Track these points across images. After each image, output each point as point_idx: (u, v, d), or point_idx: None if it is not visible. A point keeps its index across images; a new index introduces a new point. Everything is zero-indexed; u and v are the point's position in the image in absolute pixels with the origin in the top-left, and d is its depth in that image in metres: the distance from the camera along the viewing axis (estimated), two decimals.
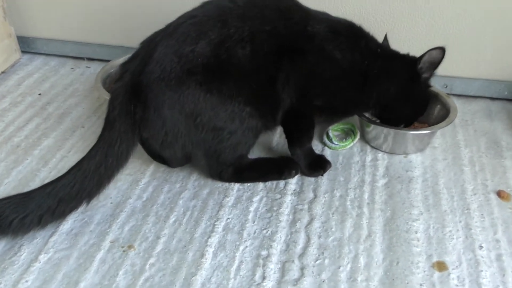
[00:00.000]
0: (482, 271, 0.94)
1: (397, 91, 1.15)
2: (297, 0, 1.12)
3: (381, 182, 1.16)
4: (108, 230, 1.03)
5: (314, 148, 1.22)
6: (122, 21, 1.56)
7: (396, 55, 1.18)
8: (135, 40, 1.55)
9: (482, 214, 1.07)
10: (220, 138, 1.05)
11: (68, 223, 1.04)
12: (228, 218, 1.06)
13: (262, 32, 1.03)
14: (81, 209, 1.02)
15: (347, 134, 1.32)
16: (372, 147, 1.27)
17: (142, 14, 1.53)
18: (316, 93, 1.10)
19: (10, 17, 1.56)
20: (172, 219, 1.06)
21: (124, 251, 0.98)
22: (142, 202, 1.10)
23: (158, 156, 1.17)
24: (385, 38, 1.22)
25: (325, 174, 1.18)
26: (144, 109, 1.00)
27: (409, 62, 1.14)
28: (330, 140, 1.27)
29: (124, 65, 1.05)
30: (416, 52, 1.15)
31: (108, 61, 1.61)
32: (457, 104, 1.28)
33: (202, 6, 1.07)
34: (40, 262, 0.95)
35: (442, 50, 1.08)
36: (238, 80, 1.01)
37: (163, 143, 1.04)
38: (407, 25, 1.38)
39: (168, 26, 1.04)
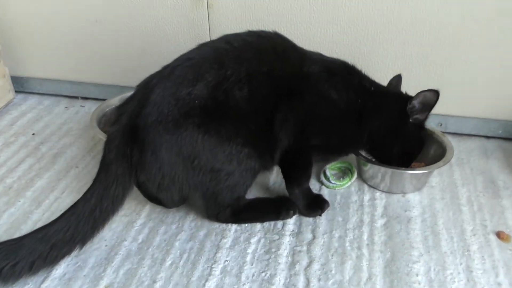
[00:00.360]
0: None
1: (387, 129, 1.15)
2: (291, 41, 1.13)
3: (379, 222, 1.15)
4: (103, 274, 1.00)
5: (311, 187, 1.21)
6: (117, 61, 1.57)
7: (389, 93, 1.18)
8: (129, 79, 1.57)
9: (482, 256, 1.06)
10: (217, 179, 1.03)
11: (61, 267, 1.01)
12: (226, 261, 1.04)
13: (259, 74, 1.03)
14: (75, 253, 1.00)
15: (345, 173, 1.31)
16: (370, 186, 1.27)
17: (136, 54, 1.54)
18: (313, 132, 1.10)
19: (3, 57, 1.56)
20: (168, 262, 1.03)
21: None
22: (137, 245, 1.07)
23: (154, 198, 1.15)
24: (399, 78, 1.23)
25: (324, 214, 1.16)
26: (141, 152, 0.99)
27: (400, 101, 1.14)
28: (328, 179, 1.27)
29: (120, 107, 1.04)
30: (410, 92, 1.17)
31: (102, 100, 1.62)
32: (452, 142, 1.28)
33: (199, 48, 1.07)
34: None
35: (436, 92, 1.08)
36: (236, 121, 1.01)
37: (160, 186, 1.03)
38: (401, 66, 1.40)
39: (165, 69, 1.05)
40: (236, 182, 1.06)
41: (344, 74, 1.13)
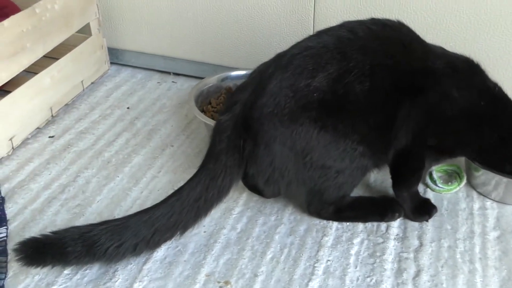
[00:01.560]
0: None
1: (500, 140, 1.04)
2: (416, 32, 1.05)
3: (492, 235, 1.06)
4: (203, 261, 0.98)
5: None
6: (212, 39, 1.53)
7: (511, 101, 1.07)
8: (223, 58, 1.55)
9: None
10: (327, 176, 0.98)
11: (162, 250, 1.00)
12: (328, 260, 0.99)
13: (384, 66, 0.96)
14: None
15: (451, 176, 1.22)
16: (479, 193, 1.17)
17: (232, 33, 1.50)
18: (432, 132, 1.02)
19: (103, 29, 1.56)
20: (269, 255, 1.00)
21: (221, 286, 0.93)
22: (236, 234, 1.05)
23: (255, 188, 1.11)
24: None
25: (430, 220, 1.09)
26: (253, 145, 0.95)
27: None
28: (434, 182, 1.19)
29: (233, 95, 1.01)
30: None
31: (194, 77, 1.61)
32: None
33: (318, 35, 1.01)
34: None
35: None
36: (354, 117, 0.95)
37: (268, 180, 0.99)
38: None
39: (281, 57, 0.99)
40: (345, 180, 1.00)
41: (468, 73, 1.03)
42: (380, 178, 1.21)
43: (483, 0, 1.23)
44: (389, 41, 0.99)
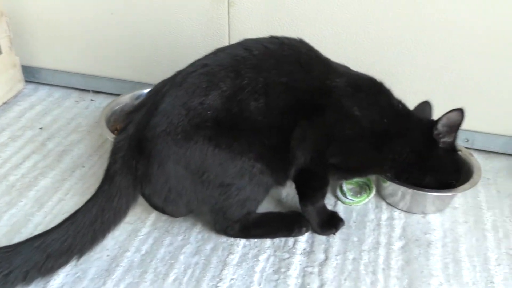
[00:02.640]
0: None
1: (413, 158, 1.06)
2: (317, 50, 1.05)
3: (397, 244, 1.08)
4: (102, 287, 0.95)
5: (326, 202, 1.14)
6: (131, 55, 1.51)
7: (415, 117, 1.09)
8: (142, 75, 1.52)
9: None
10: (227, 194, 0.98)
11: (60, 278, 0.96)
12: (232, 279, 0.98)
13: (278, 84, 0.96)
14: (74, 262, 0.95)
15: (362, 188, 1.24)
16: (388, 204, 1.20)
17: (151, 50, 1.48)
18: (332, 152, 1.02)
19: (16, 47, 1.52)
20: (171, 277, 0.98)
21: None
22: (140, 256, 1.02)
23: (161, 209, 1.09)
24: (426, 105, 1.14)
25: (338, 233, 1.10)
26: (147, 165, 0.94)
27: (427, 126, 1.05)
28: (344, 194, 1.20)
29: (129, 115, 0.99)
30: (439, 107, 1.09)
31: (114, 94, 1.58)
32: (479, 159, 1.21)
33: (215, 53, 1.01)
34: None
35: (460, 111, 0.99)
36: (249, 135, 0.95)
37: (166, 200, 0.98)
38: (428, 78, 1.32)
39: (177, 75, 0.99)
40: (247, 197, 1.00)
41: (370, 91, 1.04)
42: (292, 193, 1.21)
43: (391, 20, 1.27)
44: (285, 60, 0.99)
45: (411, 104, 1.11)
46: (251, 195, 1.00)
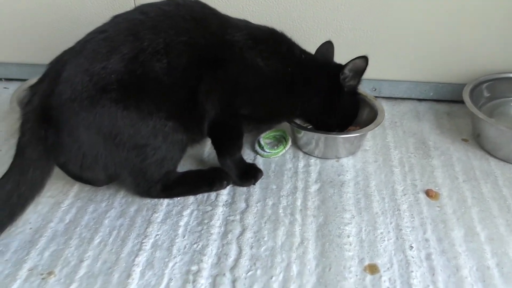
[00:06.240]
0: (412, 271, 0.94)
1: (320, 101, 1.14)
2: (214, 8, 1.09)
3: (313, 187, 1.15)
4: (26, 257, 0.96)
5: (245, 157, 1.20)
6: (38, 37, 1.48)
7: (320, 62, 1.17)
8: (53, 56, 1.50)
9: (412, 214, 1.08)
10: (144, 155, 1.00)
11: None
12: (157, 235, 1.02)
13: (178, 43, 0.99)
14: None
15: (279, 141, 1.31)
16: (305, 153, 1.27)
17: (58, 29, 1.46)
18: (241, 103, 1.07)
19: None
20: (97, 240, 1.00)
21: (43, 278, 0.92)
22: (64, 225, 1.04)
23: (81, 177, 1.11)
24: (329, 45, 1.21)
25: (257, 183, 1.16)
26: (57, 134, 0.94)
27: (332, 72, 1.13)
28: (262, 148, 1.26)
29: (32, 87, 0.98)
30: (341, 57, 1.16)
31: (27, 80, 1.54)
32: (386, 106, 1.30)
33: (112, 20, 1.02)
34: None
35: (365, 59, 1.08)
36: (156, 94, 0.97)
37: (82, 166, 0.99)
38: (331, 30, 1.39)
39: (76, 44, 0.99)
40: (164, 157, 1.03)
41: (271, 42, 1.10)
42: (213, 153, 1.25)
43: None
44: (181, 19, 1.02)
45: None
46: (167, 154, 1.03)
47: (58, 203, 1.09)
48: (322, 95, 1.14)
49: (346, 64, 1.10)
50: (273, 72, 1.08)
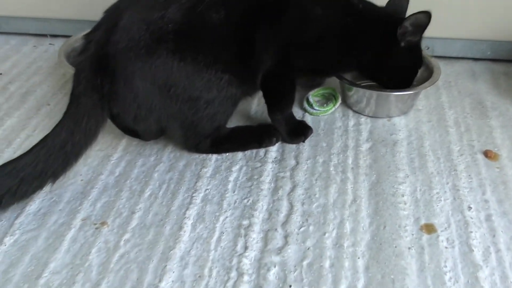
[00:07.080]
0: (471, 232, 0.91)
1: (374, 55, 1.09)
2: None
3: (364, 146, 1.12)
4: (79, 207, 0.96)
5: (294, 115, 1.17)
6: None
7: (379, 14, 1.10)
8: (99, 13, 1.48)
9: (469, 175, 1.03)
10: (196, 108, 0.98)
11: (36, 203, 0.97)
12: (207, 189, 1.00)
13: None
14: (49, 188, 0.96)
15: (328, 99, 1.27)
16: (355, 111, 1.22)
17: None
18: (297, 53, 1.04)
19: None
20: (147, 193, 1.00)
21: (96, 228, 0.92)
22: (114, 178, 1.03)
23: (130, 130, 1.10)
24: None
25: (307, 141, 1.13)
26: (112, 82, 0.92)
27: (390, 24, 1.06)
28: (311, 105, 1.22)
29: (87, 35, 0.96)
30: None
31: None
32: (440, 65, 1.23)
33: None
34: (5, 245, 0.88)
35: (427, 14, 1.01)
36: (214, 46, 0.95)
37: (136, 118, 0.97)
38: None
39: None
40: (216, 111, 1.01)
41: None
42: (261, 109, 1.23)
43: None
44: None
45: None
46: (220, 108, 1.01)
47: (107, 156, 1.09)
48: (376, 49, 1.09)
49: (407, 18, 1.04)
50: (331, 22, 1.04)
